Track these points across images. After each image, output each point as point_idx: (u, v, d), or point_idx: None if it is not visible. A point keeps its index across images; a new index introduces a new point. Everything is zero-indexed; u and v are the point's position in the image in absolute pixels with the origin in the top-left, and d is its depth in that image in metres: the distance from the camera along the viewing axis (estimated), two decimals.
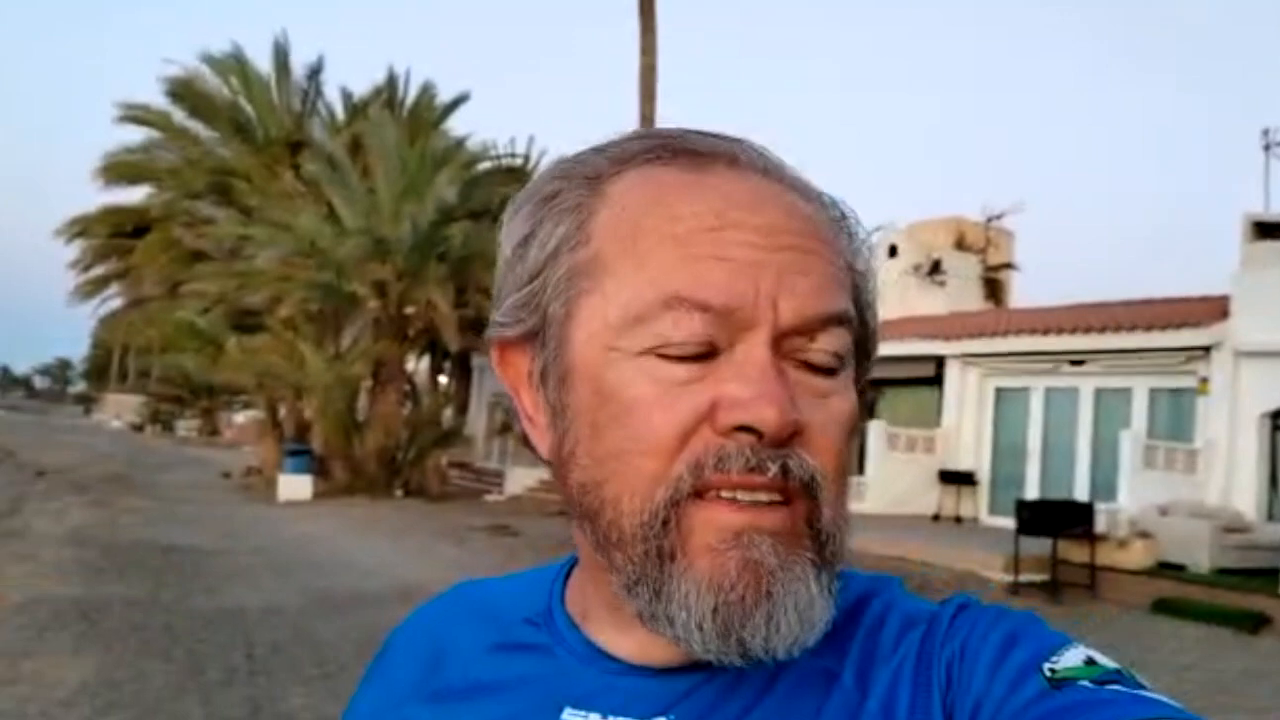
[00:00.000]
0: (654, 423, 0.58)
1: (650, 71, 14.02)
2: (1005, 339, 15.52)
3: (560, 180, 0.64)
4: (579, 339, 0.62)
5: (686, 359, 0.58)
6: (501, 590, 0.77)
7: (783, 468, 0.56)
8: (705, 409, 0.57)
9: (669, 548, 0.58)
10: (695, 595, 0.57)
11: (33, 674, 6.16)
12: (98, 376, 74.85)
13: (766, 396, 0.56)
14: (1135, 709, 0.53)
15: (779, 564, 0.57)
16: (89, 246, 30.21)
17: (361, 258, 19.04)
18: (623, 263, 0.61)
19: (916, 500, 15.63)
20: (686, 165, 0.62)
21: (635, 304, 0.59)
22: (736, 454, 0.56)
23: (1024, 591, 10.35)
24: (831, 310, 0.60)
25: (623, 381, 0.59)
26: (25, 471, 22.26)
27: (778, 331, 0.58)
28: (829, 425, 0.59)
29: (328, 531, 14.00)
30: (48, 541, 11.68)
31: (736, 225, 0.59)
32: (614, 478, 0.59)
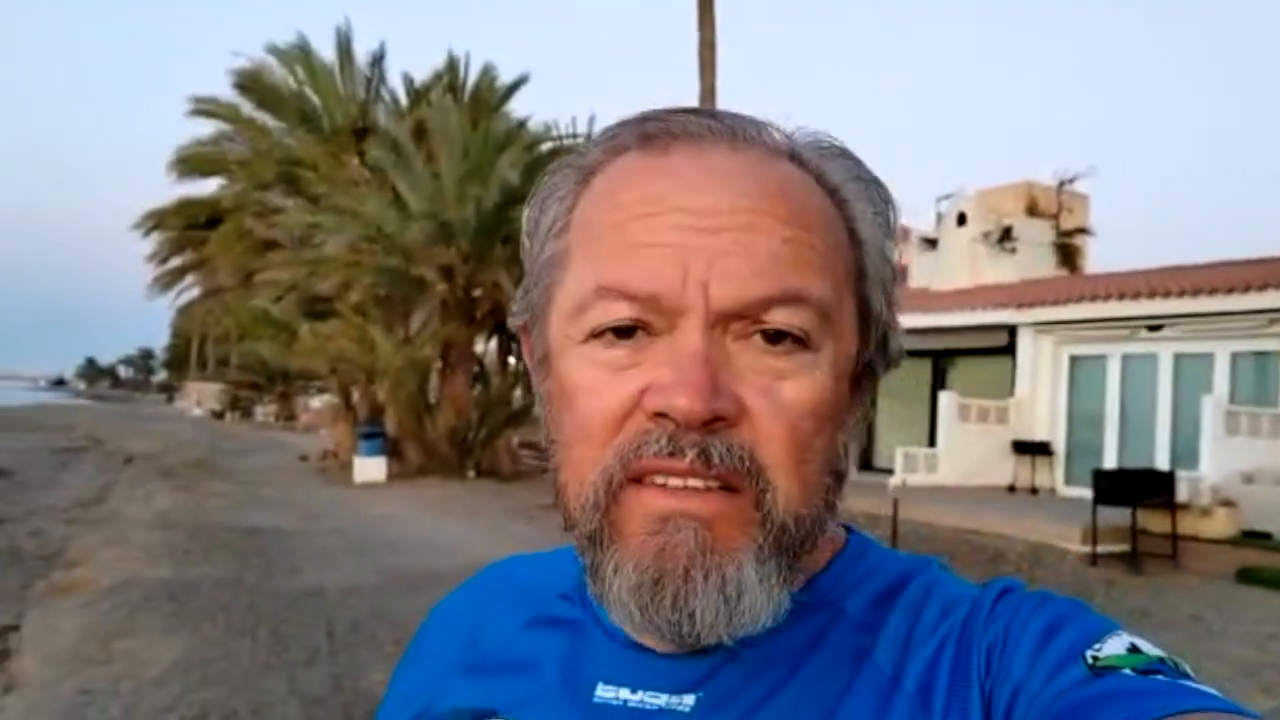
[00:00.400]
0: (589, 410, 0.59)
1: (709, 45, 13.91)
2: (1079, 305, 15.15)
3: (561, 172, 0.65)
4: (551, 328, 0.63)
5: (620, 345, 0.59)
6: (538, 566, 0.78)
7: (702, 453, 0.56)
8: (636, 395, 0.58)
9: (605, 532, 0.59)
10: (619, 577, 0.58)
11: (126, 653, 6.39)
12: (178, 365, 76.99)
13: (683, 383, 0.56)
14: (1177, 699, 0.51)
15: (700, 548, 0.57)
16: (165, 239, 30.99)
17: (427, 242, 19.24)
18: (577, 253, 0.62)
19: (990, 472, 15.40)
20: (653, 150, 0.62)
21: (578, 294, 0.60)
22: (655, 439, 0.57)
23: (1102, 562, 10.15)
24: (775, 291, 0.58)
25: (569, 370, 0.61)
26: (113, 459, 23.03)
27: (713, 316, 0.57)
28: (782, 410, 0.58)
29: (402, 512, 14.25)
30: (136, 526, 12.07)
31: (676, 209, 0.59)
32: (565, 464, 0.61)
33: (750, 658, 0.62)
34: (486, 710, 0.68)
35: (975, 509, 12.30)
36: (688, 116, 0.62)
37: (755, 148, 0.62)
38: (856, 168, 0.65)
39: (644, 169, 0.61)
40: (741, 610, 0.57)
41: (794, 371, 0.59)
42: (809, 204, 0.61)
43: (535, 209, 0.66)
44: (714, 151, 0.61)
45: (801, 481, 0.59)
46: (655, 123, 0.62)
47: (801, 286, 0.58)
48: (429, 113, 21.19)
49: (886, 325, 0.65)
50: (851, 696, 0.60)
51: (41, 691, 5.70)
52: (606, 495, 0.58)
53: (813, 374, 0.59)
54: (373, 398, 22.59)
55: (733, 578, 0.57)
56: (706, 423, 0.56)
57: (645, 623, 0.58)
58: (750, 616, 0.58)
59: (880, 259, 0.64)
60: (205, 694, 5.61)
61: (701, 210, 0.58)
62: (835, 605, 0.65)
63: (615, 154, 0.63)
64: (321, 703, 5.54)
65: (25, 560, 9.90)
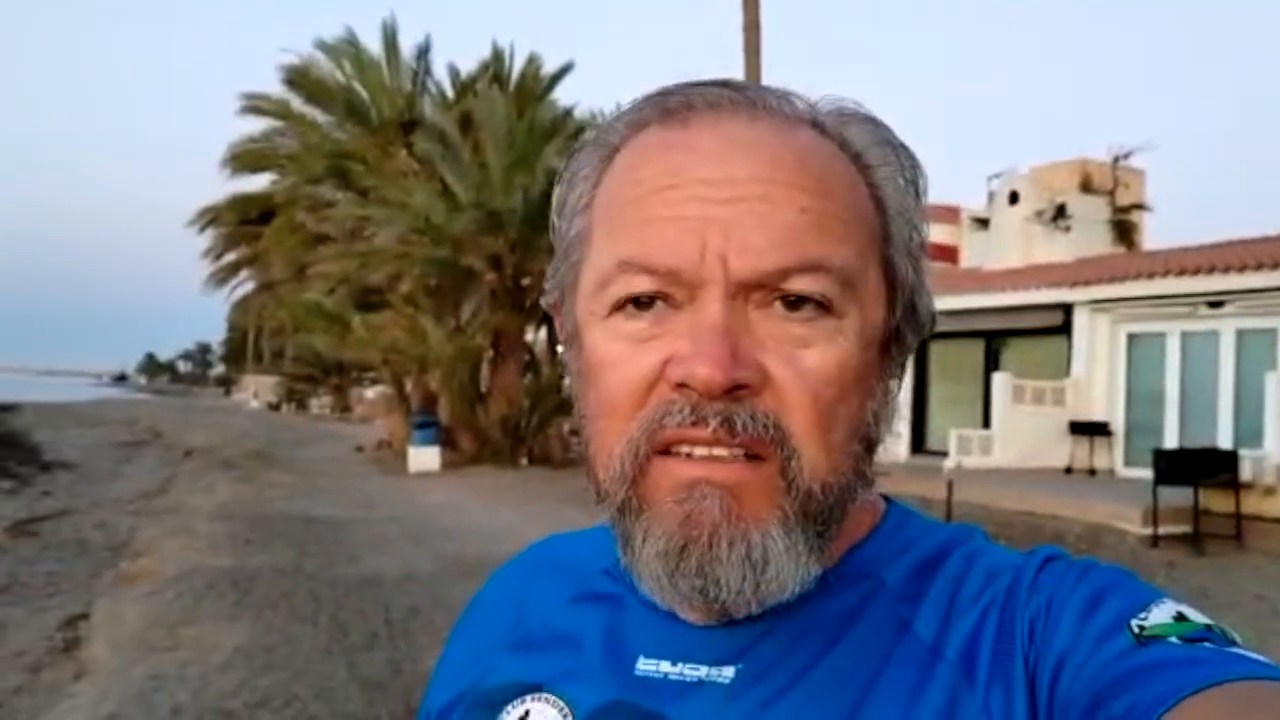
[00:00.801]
0: (613, 382, 0.60)
1: (754, 27, 13.80)
2: (1137, 283, 14.85)
3: (586, 150, 0.66)
4: (579, 304, 0.64)
5: (641, 316, 0.59)
6: (580, 543, 0.79)
7: (725, 421, 0.56)
8: (659, 366, 0.58)
9: (634, 503, 0.60)
10: (646, 545, 0.59)
11: (192, 640, 6.54)
12: (235, 359, 78.32)
13: (701, 353, 0.56)
14: (1224, 667, 0.51)
15: (725, 516, 0.57)
16: (219, 235, 31.51)
17: (475, 231, 19.37)
18: (600, 229, 0.63)
19: (1047, 453, 15.18)
20: (672, 124, 0.62)
21: (600, 268, 0.61)
22: (678, 409, 0.57)
23: (1164, 544, 9.97)
24: (794, 260, 0.58)
25: (594, 344, 0.62)
26: (174, 451, 23.53)
27: (733, 287, 0.57)
28: (805, 377, 0.58)
29: (457, 500, 14.40)
30: (199, 516, 12.33)
31: (694, 181, 0.59)
32: (594, 437, 0.62)
33: (789, 629, 0.63)
34: (532, 684, 0.69)
35: (1032, 491, 12.14)
36: (707, 88, 0.63)
37: (775, 116, 0.62)
38: (881, 132, 0.65)
39: (663, 142, 0.62)
40: (768, 578, 0.58)
41: (817, 338, 0.59)
42: (829, 170, 0.61)
43: (563, 187, 0.67)
44: (732, 121, 0.61)
45: (827, 449, 0.59)
46: (675, 96, 0.63)
47: (820, 254, 0.58)
48: (475, 103, 21.29)
49: (914, 291, 0.65)
50: (891, 667, 0.60)
51: (112, 678, 5.86)
52: (634, 466, 0.59)
53: (836, 340, 0.59)
54: (425, 387, 22.82)
55: (758, 545, 0.58)
56: (728, 391, 0.56)
57: (672, 589, 0.59)
58: (778, 584, 0.58)
59: (906, 224, 0.64)
60: (268, 679, 5.73)
61: (719, 181, 0.59)
62: (875, 576, 0.65)
63: (637, 129, 0.64)
64: (381, 687, 5.63)
65: (93, 551, 10.17)
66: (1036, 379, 15.83)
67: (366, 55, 23.42)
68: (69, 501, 14.06)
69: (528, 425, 20.41)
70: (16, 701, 5.57)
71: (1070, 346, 15.96)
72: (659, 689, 0.64)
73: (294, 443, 26.62)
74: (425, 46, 23.51)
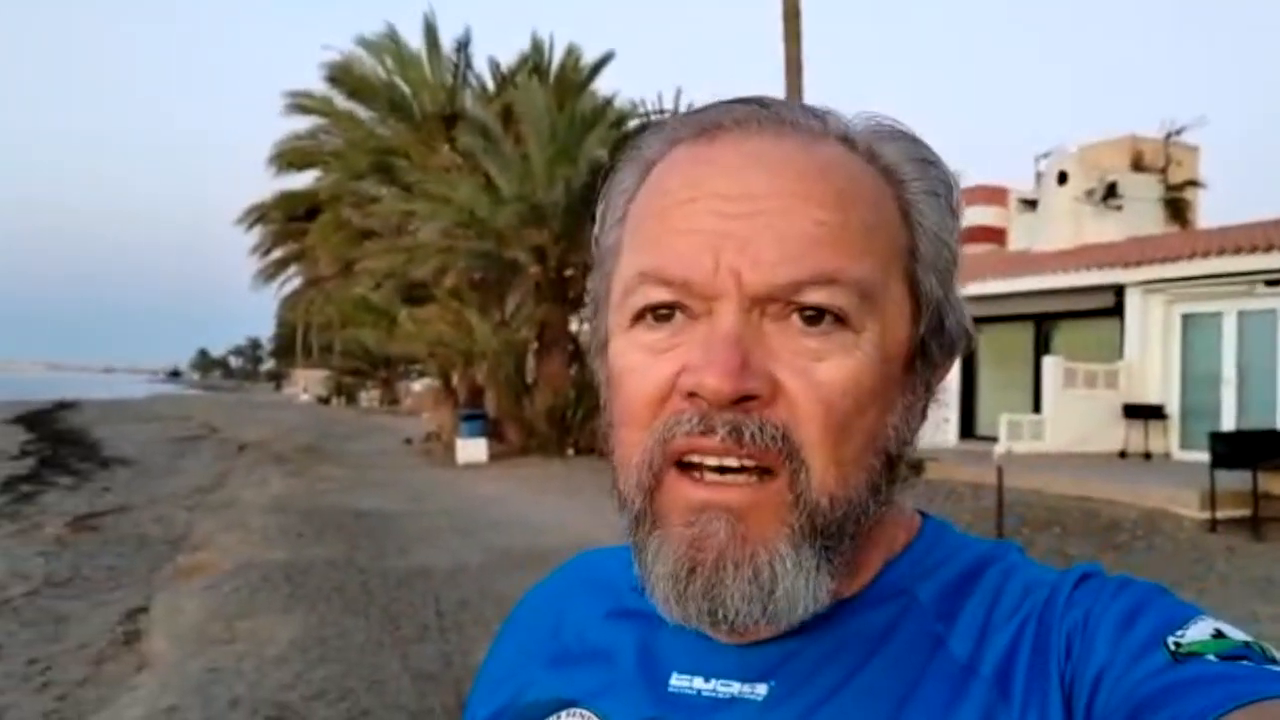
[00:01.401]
0: (631, 392, 0.61)
1: (794, 15, 13.69)
2: (1191, 262, 14.54)
3: (626, 166, 0.67)
4: (609, 315, 0.65)
5: (660, 327, 0.60)
6: (617, 558, 0.79)
7: (734, 430, 0.57)
8: (674, 376, 0.59)
9: (650, 515, 0.61)
10: (657, 563, 0.60)
11: (248, 633, 6.66)
12: (285, 354, 79.41)
13: (712, 363, 0.56)
14: (1263, 685, 0.50)
15: (732, 539, 0.58)
16: (267, 232, 32.00)
17: (519, 224, 19.44)
18: (629, 242, 0.64)
19: (1100, 437, 14.94)
20: (701, 140, 0.63)
21: (625, 279, 0.62)
22: (687, 419, 0.58)
23: (1222, 528, 9.77)
24: (808, 273, 0.58)
25: (616, 353, 0.63)
26: (228, 446, 23.94)
27: (746, 300, 0.58)
28: (818, 389, 0.58)
29: (505, 492, 14.51)
30: (253, 510, 12.54)
31: (711, 195, 0.60)
32: (617, 446, 0.63)
33: (823, 646, 0.63)
34: (568, 700, 0.69)
35: (1085, 475, 11.96)
36: (737, 106, 0.64)
37: (801, 132, 0.63)
38: (917, 149, 0.65)
39: (690, 158, 0.63)
40: (777, 598, 0.58)
41: (831, 351, 0.59)
42: (853, 184, 0.62)
43: (603, 203, 0.69)
44: (758, 137, 0.62)
45: (838, 461, 0.59)
46: (708, 114, 0.64)
47: (835, 267, 0.59)
48: (516, 96, 21.35)
49: (942, 308, 0.64)
50: (925, 684, 0.60)
51: (171, 670, 5.98)
52: (650, 477, 0.60)
53: (852, 353, 0.59)
54: (472, 380, 22.99)
55: (764, 567, 0.58)
56: (737, 401, 0.57)
57: (680, 609, 0.60)
58: (787, 603, 0.59)
59: (936, 241, 0.64)
60: (323, 671, 5.81)
61: (736, 195, 0.60)
62: (909, 592, 0.65)
63: (671, 145, 0.65)
64: (433, 679, 5.69)
65: (152, 545, 10.39)
66: (1088, 362, 15.58)
67: (407, 50, 23.58)
68: (128, 497, 14.37)
69: (573, 416, 20.47)
70: (81, 693, 5.71)
71: (1123, 328, 15.68)
72: (692, 705, 0.64)
73: (343, 436, 26.96)
74: (465, 40, 23.62)
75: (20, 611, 7.57)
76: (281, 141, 26.03)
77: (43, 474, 17.33)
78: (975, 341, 0.68)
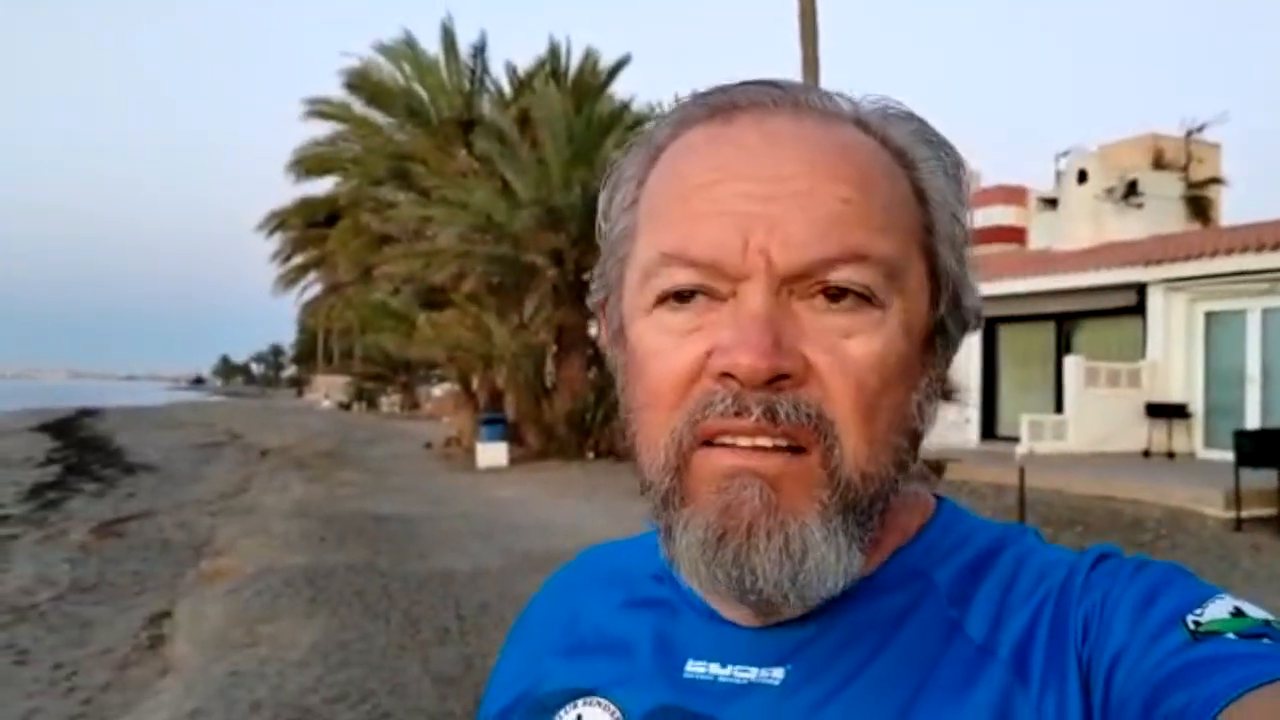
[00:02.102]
0: (657, 373, 0.61)
1: (810, 13, 13.67)
2: (1214, 260, 14.42)
3: (632, 152, 0.67)
4: (625, 299, 0.65)
5: (684, 309, 0.60)
6: (630, 549, 0.80)
7: (768, 410, 0.57)
8: (702, 358, 0.59)
9: (678, 493, 0.60)
10: (686, 534, 0.60)
11: (270, 637, 6.69)
12: (306, 359, 79.89)
13: (745, 342, 0.57)
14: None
15: (764, 507, 0.57)
16: (287, 238, 32.19)
17: (536, 228, 19.48)
18: (646, 226, 0.64)
19: (1122, 437, 14.83)
20: (716, 121, 0.63)
21: (646, 262, 0.62)
22: (720, 399, 0.58)
23: (1247, 527, 9.68)
24: (836, 251, 0.58)
25: (639, 336, 0.63)
26: (250, 452, 24.07)
27: (776, 280, 0.58)
28: (847, 366, 0.58)
29: (525, 495, 14.52)
30: (275, 515, 12.59)
31: (736, 176, 0.60)
32: (640, 429, 0.63)
33: (839, 631, 0.63)
34: (585, 689, 0.70)
35: (1108, 475, 11.87)
36: (750, 87, 0.64)
37: (816, 113, 0.63)
38: (924, 130, 0.66)
39: (707, 138, 0.63)
40: (807, 569, 0.58)
41: (859, 329, 0.59)
42: (871, 164, 0.62)
43: (609, 190, 0.69)
44: (776, 117, 0.62)
45: (869, 439, 0.59)
46: (720, 95, 0.64)
47: (862, 244, 0.59)
48: (533, 100, 21.39)
49: (958, 284, 0.65)
50: (942, 668, 0.60)
51: (195, 674, 6.02)
52: (677, 457, 0.60)
53: (879, 331, 0.60)
54: (491, 384, 23.03)
55: (796, 536, 0.58)
56: (770, 381, 0.57)
57: (709, 577, 0.60)
58: (817, 576, 0.59)
59: (950, 218, 0.65)
60: (344, 675, 5.83)
61: (762, 176, 0.60)
62: (925, 576, 0.65)
63: (683, 127, 0.65)
64: (454, 682, 5.70)
65: (175, 550, 10.46)
66: (1110, 361, 15.47)
67: (425, 56, 23.67)
68: (152, 502, 14.47)
69: (593, 419, 20.48)
70: (105, 697, 5.76)
71: (1145, 327, 15.56)
72: (709, 691, 0.65)
73: (364, 441, 27.07)
74: (481, 45, 23.70)
75: (47, 616, 7.64)
76: (301, 148, 26.18)
77: (68, 480, 17.48)
78: (981, 321, 0.68)
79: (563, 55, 23.79)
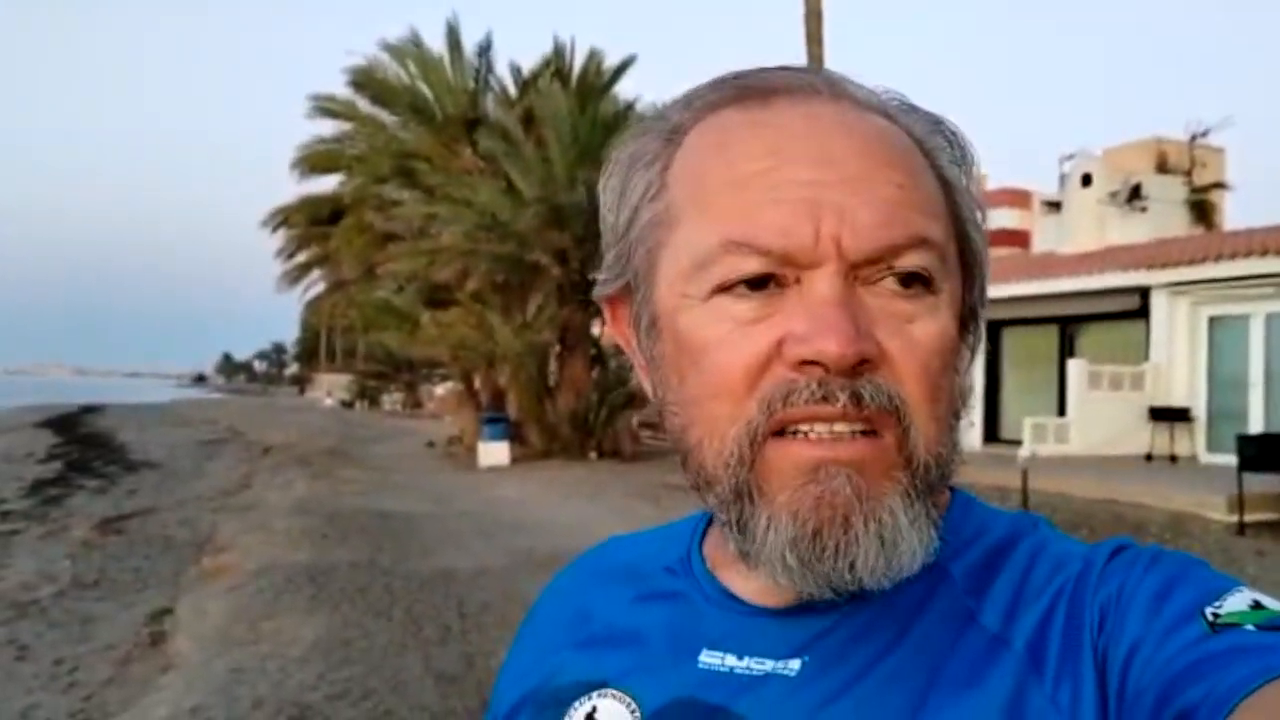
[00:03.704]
0: (722, 364, 0.60)
1: (816, 15, 13.66)
2: (1218, 264, 14.41)
3: (644, 135, 0.66)
4: (661, 288, 0.64)
5: (752, 297, 0.59)
6: (645, 543, 0.79)
7: (854, 396, 0.57)
8: (773, 346, 0.58)
9: (751, 485, 0.59)
10: (774, 531, 0.59)
11: (272, 634, 6.69)
12: (308, 358, 79.95)
13: (827, 329, 0.56)
14: None
15: (856, 495, 0.57)
16: (291, 235, 32.16)
17: (540, 227, 19.48)
18: (690, 211, 0.62)
19: (1125, 440, 14.82)
20: (752, 104, 0.62)
21: (700, 250, 0.60)
22: (804, 387, 0.57)
23: (1251, 531, 9.67)
24: (903, 237, 0.59)
25: (694, 326, 0.61)
26: (253, 449, 24.09)
27: (846, 266, 0.58)
28: (915, 349, 0.59)
29: (527, 494, 14.52)
30: (277, 512, 12.60)
31: (793, 160, 0.59)
32: (697, 421, 0.61)
33: (855, 622, 0.63)
34: (598, 680, 0.69)
35: (1111, 479, 11.86)
36: (782, 71, 0.64)
37: (850, 101, 0.63)
38: (935, 121, 0.66)
39: (749, 121, 0.62)
40: (900, 553, 0.58)
41: (921, 313, 0.60)
42: (908, 151, 0.63)
43: (617, 179, 0.67)
44: (815, 101, 0.62)
45: (936, 420, 0.60)
46: (750, 77, 0.64)
47: (924, 229, 0.60)
48: (537, 100, 21.40)
49: (985, 269, 0.67)
50: (957, 659, 0.60)
51: (196, 670, 6.02)
52: (752, 449, 0.59)
53: (937, 314, 0.60)
54: (494, 383, 23.03)
55: (888, 522, 0.58)
56: (854, 366, 0.57)
57: (806, 574, 0.59)
58: (909, 557, 0.59)
59: (971, 201, 0.65)
60: (346, 672, 5.84)
61: (821, 161, 0.59)
62: (940, 567, 0.64)
63: (710, 110, 0.64)
64: (455, 680, 5.70)
65: (177, 547, 10.46)
66: (1113, 364, 15.46)
67: (430, 55, 23.66)
68: (154, 499, 14.49)
69: (596, 419, 20.48)
70: (106, 694, 5.76)
71: (1149, 331, 15.55)
72: (725, 682, 0.64)
73: (367, 439, 27.07)
74: (486, 44, 23.68)
75: (48, 612, 7.65)
76: (305, 145, 26.17)
77: (70, 477, 17.49)
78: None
79: (567, 55, 23.78)
